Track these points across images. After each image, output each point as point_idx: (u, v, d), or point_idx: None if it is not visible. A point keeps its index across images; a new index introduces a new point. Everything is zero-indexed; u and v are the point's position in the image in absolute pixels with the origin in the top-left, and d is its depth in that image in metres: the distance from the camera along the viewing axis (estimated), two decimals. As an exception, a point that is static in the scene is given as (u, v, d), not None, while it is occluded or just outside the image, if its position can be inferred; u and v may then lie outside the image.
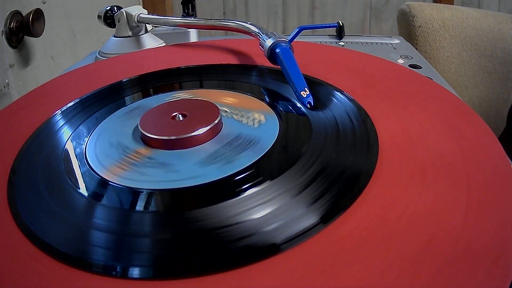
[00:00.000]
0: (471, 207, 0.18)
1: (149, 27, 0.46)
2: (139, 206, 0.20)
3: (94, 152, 0.24)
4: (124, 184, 0.21)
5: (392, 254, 0.16)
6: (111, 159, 0.23)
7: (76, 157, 0.24)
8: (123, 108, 0.28)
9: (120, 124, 0.26)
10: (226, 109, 0.26)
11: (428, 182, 0.19)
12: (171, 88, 0.31)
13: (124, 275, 0.16)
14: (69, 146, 0.25)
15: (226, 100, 0.28)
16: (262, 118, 0.25)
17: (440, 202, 0.18)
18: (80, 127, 0.27)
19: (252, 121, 0.25)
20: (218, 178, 0.20)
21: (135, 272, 0.16)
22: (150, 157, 0.23)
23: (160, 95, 0.30)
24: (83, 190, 0.21)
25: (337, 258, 0.16)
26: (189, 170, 0.21)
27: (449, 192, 0.19)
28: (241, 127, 0.24)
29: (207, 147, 0.23)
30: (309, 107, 0.26)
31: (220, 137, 0.24)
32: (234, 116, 0.26)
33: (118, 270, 0.17)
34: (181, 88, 0.31)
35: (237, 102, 0.27)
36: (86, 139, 0.25)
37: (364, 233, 0.17)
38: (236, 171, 0.21)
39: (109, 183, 0.21)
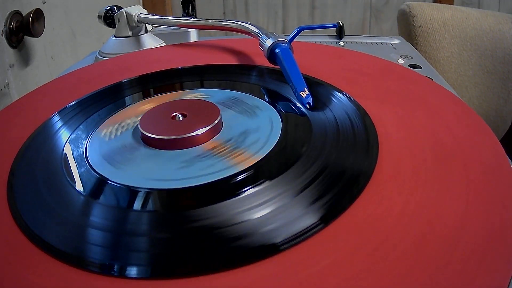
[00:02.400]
0: (470, 206, 0.18)
1: (149, 27, 0.46)
2: (138, 206, 0.20)
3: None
4: (123, 184, 0.21)
5: (392, 253, 0.16)
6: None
7: (75, 157, 0.24)
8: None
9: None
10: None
11: (428, 182, 0.19)
12: (171, 89, 0.31)
13: (122, 274, 0.16)
14: (68, 146, 0.25)
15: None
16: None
17: (440, 202, 0.18)
18: (80, 127, 0.27)
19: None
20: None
21: (132, 271, 0.16)
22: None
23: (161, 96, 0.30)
24: (82, 189, 0.21)
25: (337, 258, 0.16)
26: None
27: (449, 191, 0.19)
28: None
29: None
30: (308, 107, 0.26)
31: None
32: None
33: (116, 269, 0.17)
34: (182, 88, 0.31)
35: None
36: (86, 140, 0.25)
37: (364, 233, 0.17)
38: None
39: (108, 182, 0.21)
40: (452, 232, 0.17)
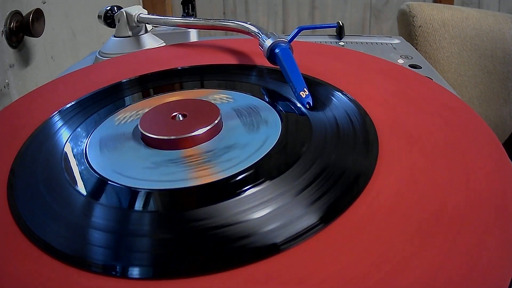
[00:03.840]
0: (470, 206, 0.18)
1: (149, 27, 0.46)
2: (139, 206, 0.20)
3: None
4: (123, 184, 0.21)
5: (392, 254, 0.16)
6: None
7: (75, 157, 0.24)
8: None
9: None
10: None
11: (428, 182, 0.19)
12: (171, 89, 0.31)
13: (123, 274, 0.16)
14: (69, 146, 0.25)
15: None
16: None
17: (440, 202, 0.18)
18: (80, 127, 0.27)
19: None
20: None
21: (134, 271, 0.16)
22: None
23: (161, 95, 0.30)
24: (82, 189, 0.21)
25: (337, 258, 0.16)
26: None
27: (449, 191, 0.19)
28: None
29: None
30: (308, 107, 0.26)
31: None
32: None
33: (117, 269, 0.17)
34: (181, 88, 0.31)
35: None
36: (86, 139, 0.25)
37: (364, 233, 0.17)
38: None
39: (109, 182, 0.21)
40: (452, 232, 0.17)
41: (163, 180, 0.21)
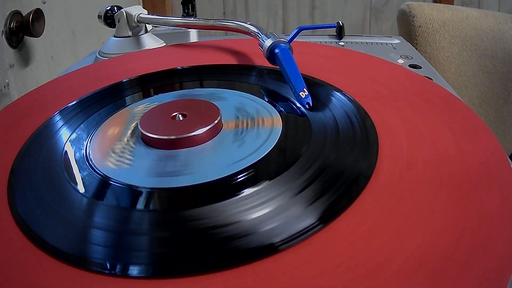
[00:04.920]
0: (470, 207, 0.18)
1: (149, 27, 0.46)
2: (138, 205, 0.20)
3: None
4: (123, 183, 0.21)
5: (390, 254, 0.16)
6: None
7: (76, 157, 0.24)
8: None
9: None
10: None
11: (427, 182, 0.19)
12: (171, 89, 0.31)
13: (123, 273, 0.16)
14: (69, 146, 0.25)
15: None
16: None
17: (440, 202, 0.18)
18: (80, 127, 0.27)
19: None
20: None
21: (133, 270, 0.17)
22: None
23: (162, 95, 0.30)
24: (82, 189, 0.21)
25: (335, 259, 0.16)
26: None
27: (448, 192, 0.19)
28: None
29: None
30: (307, 107, 0.26)
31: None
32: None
33: (117, 268, 0.17)
34: (181, 88, 0.31)
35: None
36: (86, 139, 0.25)
37: (363, 234, 0.17)
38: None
39: (109, 182, 0.21)
40: (452, 232, 0.17)
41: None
